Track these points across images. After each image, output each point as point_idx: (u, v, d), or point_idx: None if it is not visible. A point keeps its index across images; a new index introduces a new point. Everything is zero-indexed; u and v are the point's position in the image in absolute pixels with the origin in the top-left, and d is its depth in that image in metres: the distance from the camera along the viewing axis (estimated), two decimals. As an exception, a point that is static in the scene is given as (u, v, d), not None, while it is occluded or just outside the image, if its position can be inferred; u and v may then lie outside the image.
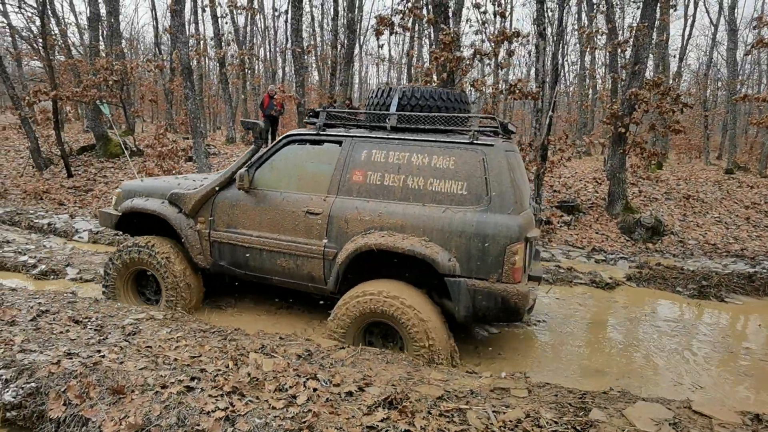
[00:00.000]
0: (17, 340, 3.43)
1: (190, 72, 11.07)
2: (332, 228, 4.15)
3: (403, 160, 4.09)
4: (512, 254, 3.69)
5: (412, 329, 3.74)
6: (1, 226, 8.68)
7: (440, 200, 3.95)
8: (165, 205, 4.80)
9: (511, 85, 9.72)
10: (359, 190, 4.16)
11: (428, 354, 3.73)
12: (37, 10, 19.06)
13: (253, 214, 4.47)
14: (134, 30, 38.53)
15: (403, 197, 4.04)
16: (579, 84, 25.44)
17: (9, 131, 17.47)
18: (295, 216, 4.29)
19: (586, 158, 20.99)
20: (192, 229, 4.72)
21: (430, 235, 3.87)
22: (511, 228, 3.72)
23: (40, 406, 2.87)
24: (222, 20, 20.17)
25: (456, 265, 3.80)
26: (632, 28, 12.55)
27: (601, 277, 7.05)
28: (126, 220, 5.10)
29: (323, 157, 4.40)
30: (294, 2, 12.81)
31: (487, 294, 3.75)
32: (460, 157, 3.96)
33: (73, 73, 17.52)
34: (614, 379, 4.15)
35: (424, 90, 4.49)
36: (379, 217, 4.02)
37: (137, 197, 5.00)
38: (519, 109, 33.11)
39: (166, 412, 2.69)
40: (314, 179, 4.37)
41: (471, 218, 3.81)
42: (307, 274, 4.33)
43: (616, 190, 10.61)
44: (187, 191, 4.75)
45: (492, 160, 3.88)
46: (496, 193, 3.82)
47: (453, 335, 4.04)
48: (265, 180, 4.51)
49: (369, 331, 4.07)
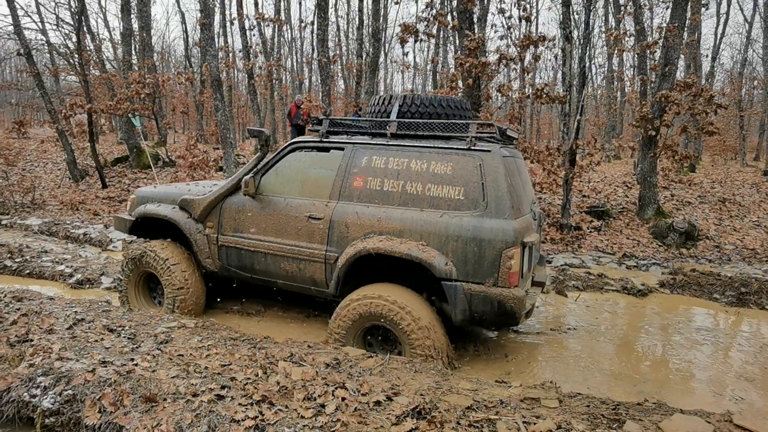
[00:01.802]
0: (55, 348, 3.53)
1: (219, 84, 11.30)
2: (333, 232, 4.24)
3: (403, 166, 4.16)
4: (508, 259, 3.71)
5: (410, 333, 3.78)
6: (40, 236, 8.98)
7: (438, 205, 3.99)
8: (176, 211, 4.97)
9: (538, 89, 9.61)
10: (360, 195, 4.24)
11: (425, 358, 3.75)
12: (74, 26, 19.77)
13: (258, 219, 4.60)
14: (165, 44, 39.55)
15: (402, 202, 4.10)
16: (607, 87, 25.02)
17: (47, 144, 18.13)
18: (298, 221, 4.40)
19: (616, 162, 20.60)
20: (201, 233, 4.89)
21: (428, 240, 3.91)
22: (507, 233, 3.74)
23: (77, 413, 2.94)
24: (250, 32, 20.56)
25: (453, 269, 3.84)
26: (661, 28, 12.31)
27: (633, 284, 6.89)
28: (140, 225, 5.29)
29: (326, 163, 4.49)
30: (320, 13, 12.96)
31: (483, 298, 3.79)
32: (457, 163, 4.01)
33: (108, 87, 18.09)
34: (648, 389, 4.04)
35: (424, 97, 4.56)
36: (378, 222, 4.09)
37: (150, 203, 5.19)
38: (546, 113, 32.78)
39: (197, 421, 2.73)
40: (317, 185, 4.46)
41: (467, 223, 3.84)
42: (309, 278, 4.42)
43: (647, 194, 10.37)
44: (196, 197, 4.92)
45: (488, 166, 3.91)
46: (492, 198, 3.85)
47: (480, 342, 3.99)
48: (271, 186, 4.64)
49: (369, 335, 4.12)
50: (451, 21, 10.88)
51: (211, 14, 11.48)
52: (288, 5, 27.68)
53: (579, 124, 9.71)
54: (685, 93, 9.71)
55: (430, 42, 23.41)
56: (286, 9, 27.17)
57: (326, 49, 13.30)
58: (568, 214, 9.61)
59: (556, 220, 9.86)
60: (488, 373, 4.15)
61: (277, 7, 24.19)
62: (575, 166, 9.61)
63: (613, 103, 23.69)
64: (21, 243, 7.97)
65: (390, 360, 3.73)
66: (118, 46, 23.72)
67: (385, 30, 25.99)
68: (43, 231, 9.26)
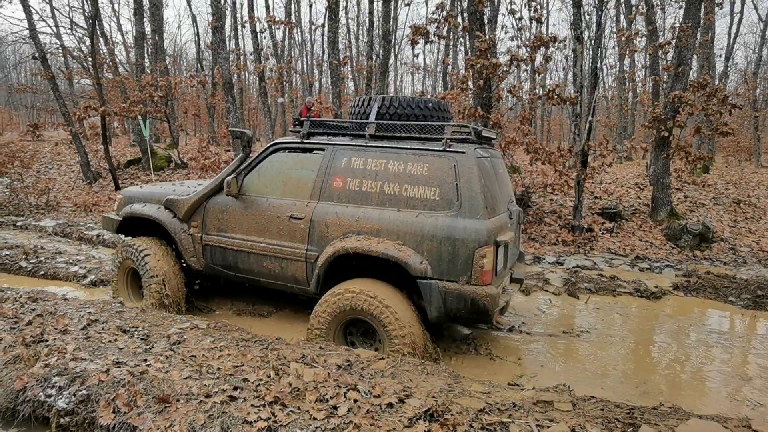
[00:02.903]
0: (69, 348, 3.56)
1: (231, 86, 11.38)
2: (314, 232, 4.33)
3: (381, 167, 4.23)
4: (480, 257, 3.79)
5: (389, 326, 3.86)
6: (54, 237, 9.08)
7: (414, 205, 4.06)
8: (161, 211, 5.09)
9: (549, 90, 9.55)
10: (339, 195, 4.32)
11: (404, 350, 3.83)
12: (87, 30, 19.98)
13: (241, 219, 4.70)
14: (177, 47, 39.87)
15: (379, 203, 4.17)
16: (618, 88, 24.83)
17: (61, 146, 18.36)
18: (280, 220, 4.49)
19: (627, 163, 20.42)
20: (186, 233, 5.00)
21: (404, 239, 4.00)
22: (480, 232, 3.81)
23: (91, 413, 2.97)
24: (261, 35, 20.65)
25: (428, 268, 3.91)
26: (674, 28, 12.19)
27: (646, 286, 6.82)
28: (127, 224, 5.42)
29: (307, 164, 4.57)
30: (331, 15, 13.00)
31: (457, 295, 3.86)
32: (433, 164, 4.08)
33: (120, 90, 18.27)
34: (663, 393, 3.99)
35: (402, 99, 4.62)
36: (356, 221, 4.17)
37: (136, 203, 5.31)
38: (557, 114, 32.60)
39: (209, 422, 2.74)
40: (298, 185, 4.54)
41: (442, 223, 3.91)
42: (291, 276, 4.52)
43: (660, 195, 10.27)
44: (181, 197, 5.01)
45: (463, 167, 3.98)
46: (466, 198, 3.92)
47: (492, 345, 3.97)
48: (254, 186, 4.72)
49: (349, 330, 4.22)
50: (461, 22, 10.85)
51: (222, 17, 11.56)
52: (298, 8, 27.81)
53: (591, 126, 9.64)
54: (699, 93, 9.60)
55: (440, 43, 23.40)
56: (296, 12, 27.30)
57: (337, 52, 13.34)
58: (580, 216, 9.54)
59: (567, 221, 9.80)
60: (500, 376, 4.13)
61: (287, 9, 24.32)
62: (587, 168, 9.54)
63: (624, 104, 23.49)
64: (36, 244, 8.06)
65: (402, 362, 3.72)
66: (131, 50, 24.00)
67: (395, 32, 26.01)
68: (57, 232, 9.36)
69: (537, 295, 6.48)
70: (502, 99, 10.77)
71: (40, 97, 30.60)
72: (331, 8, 12.88)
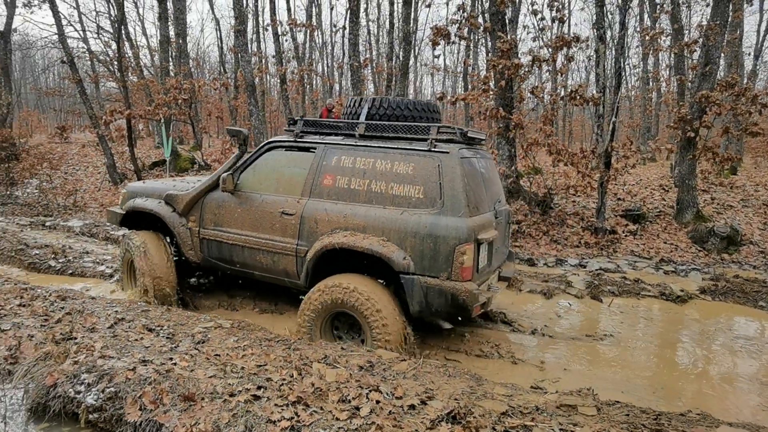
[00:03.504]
0: (97, 346, 3.64)
1: (253, 89, 11.51)
2: (304, 227, 4.48)
3: (369, 165, 4.36)
4: (461, 254, 3.90)
5: (371, 319, 3.99)
6: (81, 237, 9.28)
7: (399, 203, 4.19)
8: (161, 205, 5.29)
9: (572, 90, 9.44)
10: (329, 193, 4.47)
11: (385, 343, 3.96)
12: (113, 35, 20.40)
13: (236, 214, 4.87)
14: (200, 50, 40.44)
15: (366, 200, 4.31)
16: (642, 87, 24.41)
17: (87, 148, 18.76)
18: (273, 216, 4.65)
19: (651, 164, 20.05)
20: (184, 226, 5.19)
21: (389, 236, 4.13)
22: (461, 230, 3.93)
23: (119, 409, 3.03)
24: (282, 38, 20.83)
25: (410, 264, 4.04)
26: (701, 27, 11.94)
27: (672, 290, 6.69)
28: (131, 217, 5.63)
29: (299, 162, 4.72)
30: (352, 17, 13.06)
31: (437, 291, 3.97)
32: (418, 164, 4.20)
33: (145, 93, 18.60)
34: (690, 400, 3.91)
35: (392, 100, 4.76)
36: (344, 218, 4.31)
37: (139, 197, 5.53)
38: (578, 114, 32.19)
39: (234, 420, 2.77)
40: (290, 182, 4.70)
41: (425, 220, 4.03)
42: (282, 270, 4.67)
43: (686, 197, 10.07)
44: (180, 192, 5.20)
45: (446, 167, 4.09)
46: (449, 197, 4.03)
47: (514, 347, 3.93)
48: (249, 183, 4.90)
49: (336, 323, 4.37)
50: (483, 23, 10.80)
51: (245, 21, 11.71)
52: (319, 11, 27.98)
53: (614, 126, 9.50)
54: (727, 93, 9.38)
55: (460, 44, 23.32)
56: (317, 14, 27.47)
57: (357, 54, 13.39)
58: (603, 218, 9.40)
59: (590, 223, 9.67)
60: (522, 379, 4.09)
61: (308, 12, 24.48)
62: (610, 169, 9.40)
63: (648, 105, 23.07)
64: (64, 244, 8.26)
65: (423, 363, 3.71)
66: (156, 53, 24.41)
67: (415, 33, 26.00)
68: (84, 232, 9.57)
69: (559, 298, 6.41)
70: (524, 100, 10.67)
71: (67, 101, 31.35)
72: (352, 10, 12.93)
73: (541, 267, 7.99)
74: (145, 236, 5.34)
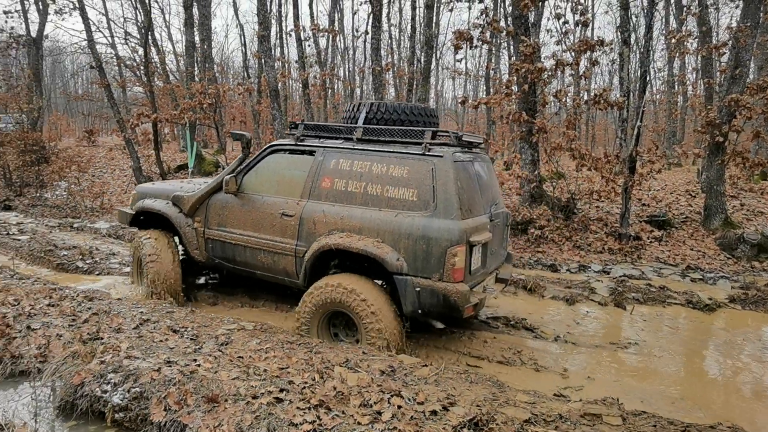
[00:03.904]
0: (123, 346, 3.71)
1: (277, 94, 11.63)
2: (302, 229, 4.61)
3: (365, 168, 4.47)
4: (452, 256, 3.98)
5: (365, 318, 4.09)
6: (107, 239, 9.48)
7: (394, 206, 4.29)
8: (169, 206, 5.47)
9: (596, 94, 9.32)
10: (327, 195, 4.59)
11: (379, 342, 4.05)
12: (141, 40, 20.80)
13: (239, 215, 5.02)
14: (224, 55, 41.00)
15: (363, 202, 4.42)
16: (667, 91, 23.95)
17: (114, 152, 19.17)
18: (273, 217, 4.79)
19: (676, 169, 19.65)
20: (190, 227, 5.35)
21: (383, 237, 4.22)
22: (452, 232, 4.01)
23: (144, 409, 3.07)
24: (305, 43, 21.00)
25: (403, 265, 4.13)
26: (731, 29, 11.69)
27: (699, 298, 6.53)
28: (140, 217, 5.83)
29: (299, 164, 4.86)
30: (374, 22, 13.12)
31: (430, 291, 4.05)
32: (413, 167, 4.30)
33: (171, 97, 18.94)
34: (719, 412, 3.81)
35: (389, 105, 4.88)
36: (341, 219, 4.42)
37: (148, 198, 5.72)
38: (601, 119, 31.74)
39: (256, 423, 2.79)
40: (290, 185, 4.83)
41: (418, 222, 4.13)
42: (282, 269, 4.80)
43: (714, 203, 9.84)
44: (186, 194, 5.37)
45: (440, 170, 4.18)
46: (441, 200, 4.12)
47: (537, 354, 3.88)
48: (251, 185, 5.05)
49: (333, 322, 4.46)
50: (505, 27, 10.74)
51: (268, 26, 11.85)
52: (341, 16, 28.15)
53: (639, 131, 9.34)
54: (758, 96, 9.16)
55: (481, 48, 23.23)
56: (339, 19, 27.64)
57: (379, 58, 13.43)
58: (627, 224, 9.25)
59: (614, 229, 9.51)
60: (545, 386, 4.04)
61: (331, 17, 24.66)
62: (635, 174, 9.25)
63: (673, 109, 22.62)
64: (91, 245, 8.44)
65: (445, 369, 3.70)
66: (181, 58, 24.85)
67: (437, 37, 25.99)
68: (110, 234, 9.77)
69: (582, 305, 6.32)
70: (547, 104, 10.57)
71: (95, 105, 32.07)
72: (374, 15, 12.99)
73: (563, 273, 7.89)
74: (153, 235, 5.51)
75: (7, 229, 9.76)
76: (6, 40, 18.86)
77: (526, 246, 9.20)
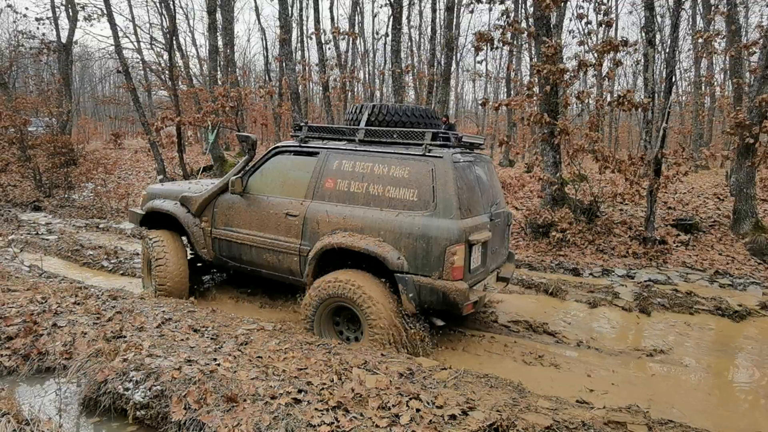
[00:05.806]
0: (145, 345, 3.75)
1: (297, 96, 11.72)
2: (306, 228, 4.72)
3: (367, 169, 4.58)
4: (451, 254, 4.07)
5: (368, 312, 4.17)
6: (132, 239, 9.64)
7: (395, 206, 4.40)
8: (177, 206, 5.59)
9: (619, 96, 9.16)
10: (330, 195, 4.71)
11: (381, 337, 4.12)
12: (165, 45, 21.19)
13: (245, 215, 5.15)
14: (246, 59, 41.53)
15: (365, 202, 4.53)
16: (694, 92, 23.45)
17: (139, 154, 19.53)
18: (278, 217, 4.91)
19: (703, 172, 19.23)
20: (197, 226, 5.48)
21: (384, 236, 4.33)
22: (452, 231, 4.10)
23: (164, 408, 3.10)
24: (326, 46, 21.14)
25: (404, 263, 4.24)
26: (761, 27, 11.39)
27: (729, 304, 6.35)
28: (150, 217, 5.93)
29: (303, 165, 4.97)
30: (394, 25, 13.13)
31: (430, 289, 4.16)
32: (413, 168, 4.40)
33: (194, 101, 19.23)
34: (749, 423, 3.69)
35: (391, 107, 4.98)
36: (344, 219, 4.53)
37: (157, 198, 5.84)
38: (624, 121, 31.25)
39: (275, 423, 2.79)
40: (294, 185, 4.94)
41: (418, 222, 4.23)
42: (287, 268, 4.93)
43: (744, 207, 9.58)
44: (194, 194, 5.50)
45: (439, 171, 4.28)
46: (441, 200, 4.22)
47: (558, 358, 3.81)
48: (257, 185, 5.17)
49: (337, 317, 4.54)
50: (527, 28, 10.64)
51: (289, 30, 11.94)
52: (362, 19, 28.28)
53: (665, 133, 9.15)
54: (790, 97, 8.88)
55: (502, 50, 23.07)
56: (359, 23, 27.78)
57: (400, 60, 13.44)
58: (652, 227, 9.05)
59: (638, 233, 9.32)
60: (567, 392, 3.95)
61: (351, 21, 24.81)
62: (660, 176, 9.05)
63: (700, 110, 22.12)
64: (116, 246, 8.59)
65: (464, 373, 3.65)
66: (204, 62, 25.23)
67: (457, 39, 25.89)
68: (135, 234, 9.93)
69: (605, 310, 6.20)
70: (570, 105, 10.43)
71: (121, 108, 32.78)
72: (395, 17, 13.01)
73: (586, 277, 7.76)
74: (162, 235, 5.61)
75: (36, 229, 10.01)
76: (38, 46, 19.40)
77: (548, 249, 9.08)
